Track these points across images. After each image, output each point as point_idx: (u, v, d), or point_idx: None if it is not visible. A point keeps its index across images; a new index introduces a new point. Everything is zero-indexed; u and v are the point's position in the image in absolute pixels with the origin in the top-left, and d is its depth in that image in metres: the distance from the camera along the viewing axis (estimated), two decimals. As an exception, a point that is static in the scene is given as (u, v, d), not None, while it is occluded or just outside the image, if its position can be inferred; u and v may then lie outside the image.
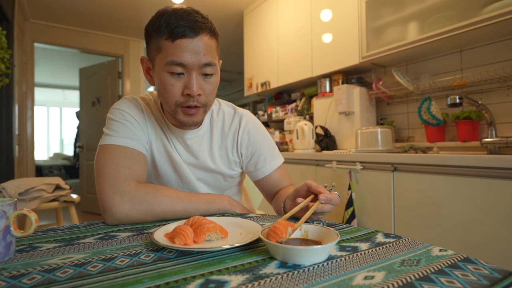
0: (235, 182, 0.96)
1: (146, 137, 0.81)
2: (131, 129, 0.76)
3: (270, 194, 0.93)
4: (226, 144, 0.88)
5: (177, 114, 0.74)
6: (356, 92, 2.15)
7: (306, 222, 0.65)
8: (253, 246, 0.50)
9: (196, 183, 0.86)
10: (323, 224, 0.65)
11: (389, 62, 2.12)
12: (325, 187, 0.67)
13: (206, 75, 0.72)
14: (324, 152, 2.02)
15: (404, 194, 1.50)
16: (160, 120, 0.83)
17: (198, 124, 0.77)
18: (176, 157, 0.83)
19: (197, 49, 0.69)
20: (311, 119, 2.70)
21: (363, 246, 0.50)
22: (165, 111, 0.82)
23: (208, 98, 0.75)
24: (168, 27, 0.67)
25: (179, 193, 0.72)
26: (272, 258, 0.44)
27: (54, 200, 1.91)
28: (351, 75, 2.38)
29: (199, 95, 0.72)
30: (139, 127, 0.79)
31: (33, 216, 0.46)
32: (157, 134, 0.83)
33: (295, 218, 0.71)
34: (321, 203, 0.61)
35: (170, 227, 0.57)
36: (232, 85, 6.61)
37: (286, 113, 3.02)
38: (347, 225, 0.64)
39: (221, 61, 0.82)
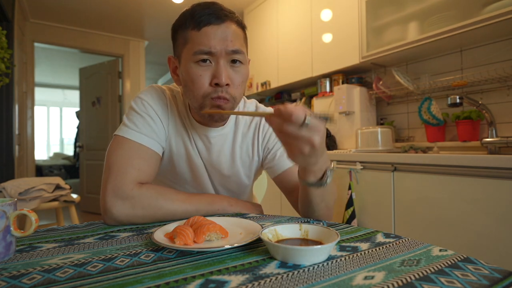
0: (250, 186, 0.93)
1: (166, 134, 0.78)
2: (150, 126, 0.74)
3: (290, 189, 0.83)
4: (247, 142, 0.85)
5: (206, 107, 0.70)
6: (356, 92, 2.15)
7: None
8: (253, 246, 0.50)
9: (210, 186, 0.85)
10: (323, 224, 0.65)
11: (389, 62, 2.12)
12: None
13: (234, 62, 0.70)
14: (324, 152, 2.01)
15: (404, 194, 1.50)
16: (184, 116, 0.80)
17: (225, 120, 0.74)
18: (195, 158, 0.81)
19: (224, 35, 0.67)
20: (311, 119, 2.70)
21: (363, 246, 0.50)
22: (191, 108, 0.79)
23: (237, 91, 0.71)
24: (193, 18, 0.67)
25: (180, 195, 0.72)
26: (272, 258, 0.44)
27: (54, 200, 1.91)
28: (351, 75, 2.38)
29: (228, 85, 0.69)
30: (160, 123, 0.76)
31: (33, 216, 0.46)
32: (178, 131, 0.80)
33: (296, 218, 0.71)
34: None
35: (170, 227, 0.57)
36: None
37: (286, 113, 3.01)
38: (347, 225, 0.64)
39: (249, 59, 0.79)
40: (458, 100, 1.58)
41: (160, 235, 0.53)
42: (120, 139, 0.72)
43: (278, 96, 3.24)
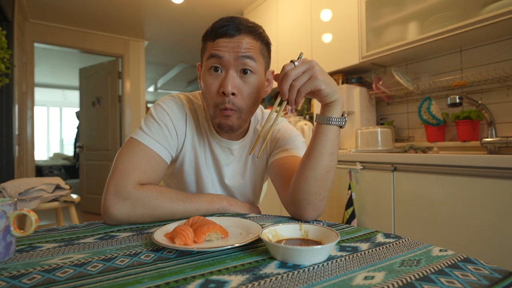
0: (260, 195, 0.96)
1: (177, 146, 0.80)
2: (165, 134, 0.76)
3: (286, 178, 0.76)
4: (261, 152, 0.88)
5: (216, 117, 0.74)
6: (356, 92, 2.15)
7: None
8: (253, 246, 0.50)
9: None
10: (323, 224, 0.65)
11: (389, 62, 2.12)
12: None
13: (245, 72, 0.71)
14: (324, 152, 2.01)
15: (404, 194, 1.50)
16: (205, 131, 0.83)
17: (232, 129, 0.74)
18: (203, 172, 0.83)
19: (236, 45, 0.69)
20: (311, 119, 2.70)
21: (363, 246, 0.50)
22: (212, 120, 0.81)
23: (244, 101, 0.72)
24: (212, 30, 0.71)
25: (180, 194, 0.72)
26: (272, 258, 0.44)
27: (54, 200, 1.91)
28: (351, 75, 2.38)
29: (234, 94, 0.70)
30: (175, 135, 0.78)
31: (33, 216, 0.46)
32: (194, 144, 0.82)
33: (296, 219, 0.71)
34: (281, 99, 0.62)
35: (170, 227, 0.57)
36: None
37: (286, 113, 3.02)
38: (347, 225, 0.64)
39: (273, 71, 0.79)
40: (458, 100, 1.58)
41: (160, 235, 0.53)
42: (134, 141, 0.73)
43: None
